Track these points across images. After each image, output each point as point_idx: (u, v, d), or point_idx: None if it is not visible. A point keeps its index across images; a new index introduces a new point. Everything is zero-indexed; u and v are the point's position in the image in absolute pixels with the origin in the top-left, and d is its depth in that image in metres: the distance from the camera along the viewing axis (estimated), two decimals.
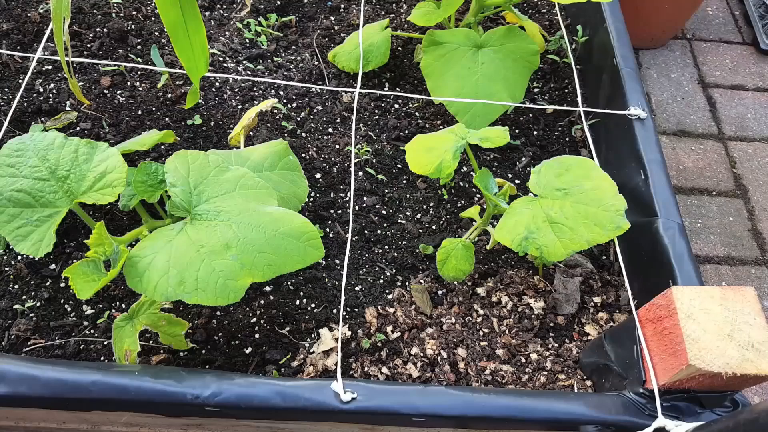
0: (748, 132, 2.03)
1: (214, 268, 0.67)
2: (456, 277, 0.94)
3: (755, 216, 1.83)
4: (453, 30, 1.13)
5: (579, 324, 0.97)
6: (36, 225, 0.73)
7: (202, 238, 0.70)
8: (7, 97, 1.13)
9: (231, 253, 0.68)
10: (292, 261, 0.70)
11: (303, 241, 0.71)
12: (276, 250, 0.70)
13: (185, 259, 0.68)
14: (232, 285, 0.67)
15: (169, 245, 0.69)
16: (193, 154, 0.77)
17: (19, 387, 0.67)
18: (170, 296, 0.66)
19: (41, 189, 0.74)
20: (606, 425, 0.72)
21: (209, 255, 0.68)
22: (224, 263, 0.68)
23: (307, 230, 0.72)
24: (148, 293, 0.67)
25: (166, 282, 0.66)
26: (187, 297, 0.66)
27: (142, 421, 0.80)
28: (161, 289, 0.66)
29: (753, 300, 0.69)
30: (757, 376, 0.65)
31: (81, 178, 0.75)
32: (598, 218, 0.79)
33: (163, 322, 0.77)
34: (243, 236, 0.70)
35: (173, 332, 0.78)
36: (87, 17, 1.27)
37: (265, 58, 1.26)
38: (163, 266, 0.67)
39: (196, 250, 0.68)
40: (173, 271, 0.67)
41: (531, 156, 1.17)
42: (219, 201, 0.74)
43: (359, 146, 1.14)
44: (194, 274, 0.67)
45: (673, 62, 2.20)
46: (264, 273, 0.68)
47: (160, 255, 0.68)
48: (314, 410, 0.69)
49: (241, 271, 0.67)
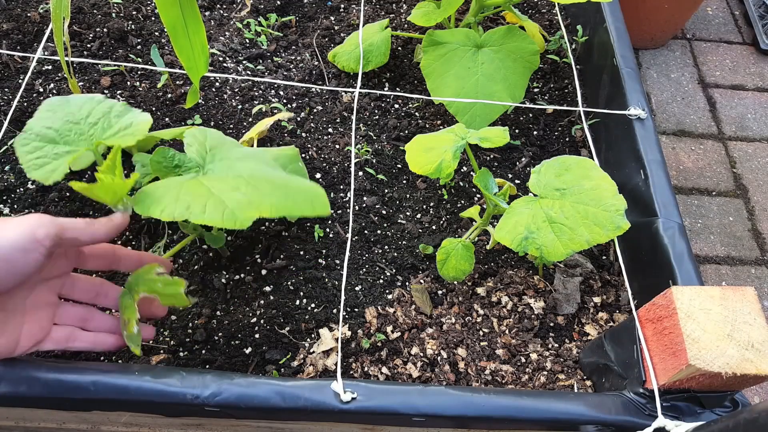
0: (748, 132, 2.03)
1: (223, 200, 0.68)
2: (456, 277, 0.94)
3: (755, 216, 1.83)
4: (453, 30, 1.13)
5: (579, 324, 0.97)
6: (54, 158, 0.76)
7: (214, 184, 0.71)
8: (7, 97, 1.13)
9: (240, 193, 0.69)
10: (298, 207, 0.71)
11: (310, 196, 0.73)
12: (284, 197, 0.71)
13: (196, 193, 0.69)
14: (239, 214, 0.67)
15: (181, 186, 0.71)
16: (212, 131, 0.81)
17: (19, 387, 0.67)
18: (176, 216, 0.66)
19: (69, 129, 0.78)
20: (606, 425, 0.72)
21: (219, 192, 0.69)
22: (232, 198, 0.69)
23: (315, 189, 0.73)
24: (155, 214, 0.67)
25: (173, 206, 0.67)
26: (193, 217, 0.66)
27: (142, 421, 0.80)
28: (168, 211, 0.67)
29: (753, 300, 0.69)
30: (757, 376, 0.65)
31: (108, 127, 0.79)
32: (598, 218, 0.79)
33: (160, 284, 0.77)
34: (254, 183, 0.71)
35: (172, 292, 0.78)
36: (87, 17, 1.27)
37: (265, 58, 1.26)
38: (173, 197, 0.69)
39: (207, 190, 0.70)
40: (182, 201, 0.68)
41: (531, 156, 1.17)
42: (233, 162, 0.77)
43: (359, 146, 1.14)
44: (203, 203, 0.68)
45: (673, 62, 2.20)
46: (271, 210, 0.69)
47: (170, 192, 0.70)
48: (314, 410, 0.69)
49: (248, 206, 0.68)
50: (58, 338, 0.72)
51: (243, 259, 0.98)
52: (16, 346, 0.67)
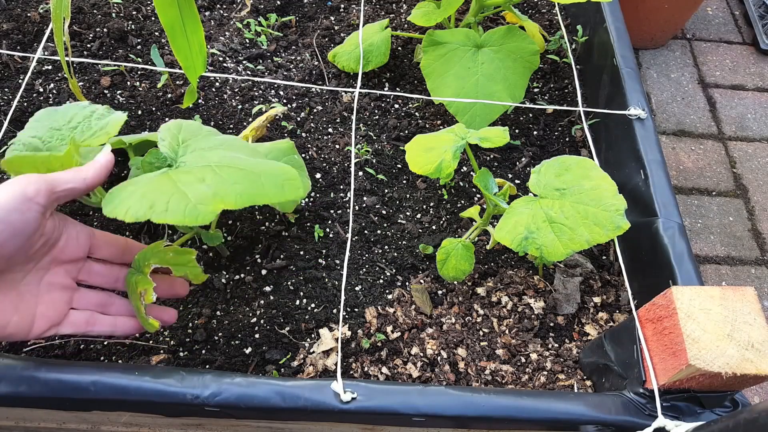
0: (748, 132, 2.03)
1: (186, 194, 0.67)
2: (456, 277, 0.94)
3: (755, 216, 1.83)
4: (453, 30, 1.13)
5: (579, 324, 0.97)
6: None
7: (181, 177, 0.70)
8: (7, 97, 1.13)
9: (205, 185, 0.68)
10: (266, 193, 0.68)
11: (280, 179, 0.70)
12: (251, 184, 0.69)
13: (161, 190, 0.68)
14: (201, 209, 0.65)
15: (149, 183, 0.70)
16: (188, 122, 0.80)
17: (19, 387, 0.67)
18: (140, 217, 0.65)
19: (51, 136, 0.80)
20: (606, 425, 0.72)
21: (184, 186, 0.68)
22: (196, 190, 0.67)
23: (286, 171, 0.71)
24: (120, 215, 0.66)
25: (137, 205, 0.66)
26: (155, 217, 0.65)
27: (142, 421, 0.80)
28: (132, 212, 0.65)
29: (753, 300, 0.69)
30: (757, 376, 0.65)
31: (87, 129, 0.81)
32: (598, 218, 0.79)
33: (171, 254, 0.77)
34: (220, 173, 0.70)
35: (185, 261, 0.77)
36: (87, 17, 1.27)
37: (265, 58, 1.26)
38: (139, 196, 0.67)
39: (173, 184, 0.69)
40: (146, 199, 0.67)
41: (531, 156, 1.17)
42: (204, 152, 0.75)
43: (359, 146, 1.14)
44: (166, 200, 0.66)
45: (673, 62, 2.20)
46: (236, 200, 0.67)
47: (139, 190, 0.69)
48: (314, 410, 0.69)
49: (212, 198, 0.66)
50: (77, 321, 0.71)
51: (243, 259, 0.98)
52: (31, 328, 0.66)
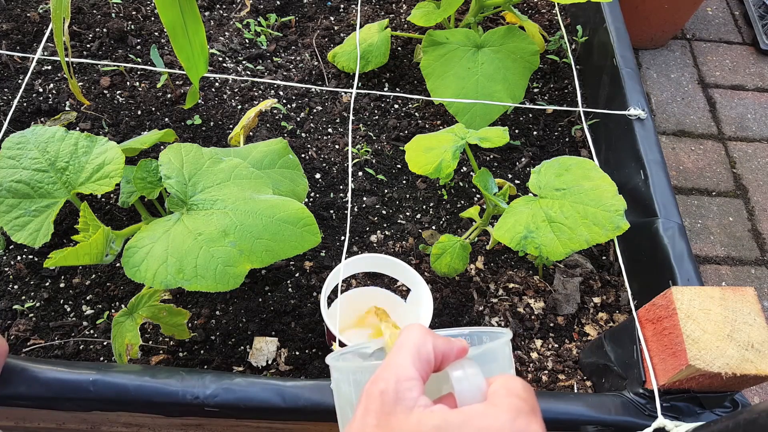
0: (748, 132, 2.03)
1: (213, 254, 0.67)
2: (447, 274, 0.94)
3: (755, 216, 1.83)
4: (453, 30, 1.13)
5: (579, 324, 0.97)
6: (34, 215, 0.72)
7: (199, 226, 0.69)
8: (6, 97, 1.13)
9: (229, 240, 0.68)
10: (289, 247, 0.70)
11: (300, 227, 0.72)
12: (274, 236, 0.70)
13: (183, 247, 0.67)
14: (231, 271, 0.66)
15: (167, 235, 0.69)
16: (186, 147, 0.77)
17: (19, 387, 0.67)
18: (170, 284, 0.65)
19: (40, 180, 0.74)
20: (606, 425, 0.72)
21: (207, 242, 0.68)
22: (223, 250, 0.67)
23: (303, 216, 0.72)
24: (147, 281, 0.66)
25: (165, 270, 0.66)
26: (186, 284, 0.65)
27: (142, 421, 0.80)
28: (160, 277, 0.65)
29: (753, 300, 0.69)
30: (757, 376, 0.65)
31: (79, 169, 0.75)
32: (597, 218, 0.79)
33: (164, 313, 0.76)
34: (240, 222, 0.70)
35: (175, 322, 0.77)
36: (87, 17, 1.27)
37: (264, 58, 1.26)
38: (162, 255, 0.67)
39: (193, 238, 0.68)
40: (172, 259, 0.66)
41: (531, 156, 1.17)
42: (214, 191, 0.74)
43: (359, 146, 1.14)
44: (193, 262, 0.66)
45: (673, 62, 2.20)
46: (263, 259, 0.68)
47: (157, 244, 0.68)
48: (314, 410, 0.69)
49: (240, 257, 0.67)
50: None
51: None
52: None
